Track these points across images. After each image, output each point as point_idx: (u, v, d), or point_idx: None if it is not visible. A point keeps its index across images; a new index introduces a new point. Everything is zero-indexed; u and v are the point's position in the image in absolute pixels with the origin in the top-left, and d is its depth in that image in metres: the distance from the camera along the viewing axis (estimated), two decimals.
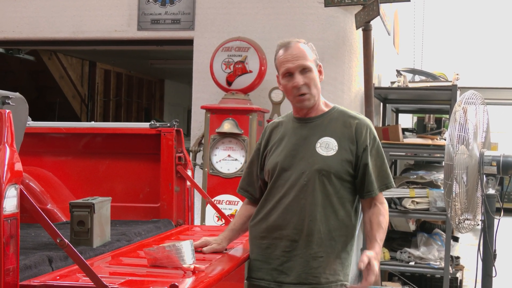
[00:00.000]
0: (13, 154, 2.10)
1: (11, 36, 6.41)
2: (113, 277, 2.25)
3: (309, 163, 2.67)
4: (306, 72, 2.68)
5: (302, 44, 2.73)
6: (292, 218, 2.67)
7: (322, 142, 2.69)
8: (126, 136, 3.88)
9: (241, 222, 2.93)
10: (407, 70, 7.07)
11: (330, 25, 5.62)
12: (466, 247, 8.78)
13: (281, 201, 2.71)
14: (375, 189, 2.70)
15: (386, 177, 2.75)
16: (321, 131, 2.72)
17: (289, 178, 2.69)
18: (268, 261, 2.74)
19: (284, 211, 2.69)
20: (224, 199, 5.07)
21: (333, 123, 2.73)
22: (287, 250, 2.69)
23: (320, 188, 2.65)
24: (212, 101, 5.53)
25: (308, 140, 2.72)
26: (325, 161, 2.66)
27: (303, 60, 2.67)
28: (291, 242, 2.68)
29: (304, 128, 2.75)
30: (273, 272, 2.72)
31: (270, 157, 2.79)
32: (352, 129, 2.71)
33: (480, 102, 4.14)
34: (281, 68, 2.71)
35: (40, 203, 3.62)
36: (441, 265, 5.72)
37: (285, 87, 2.71)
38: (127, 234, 3.11)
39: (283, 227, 2.69)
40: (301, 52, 2.70)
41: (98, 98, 10.51)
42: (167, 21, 5.94)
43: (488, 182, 4.10)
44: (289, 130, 2.79)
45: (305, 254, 2.66)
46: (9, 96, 2.31)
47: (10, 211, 2.04)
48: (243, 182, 2.96)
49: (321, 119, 2.75)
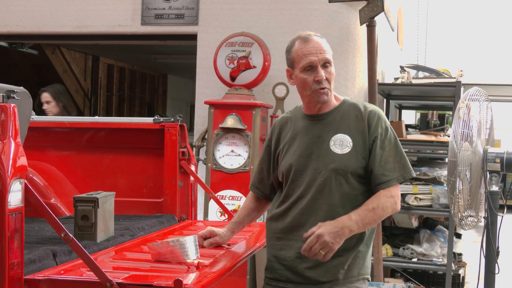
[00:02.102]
0: (18, 149, 2.11)
1: (14, 30, 6.40)
2: (117, 271, 2.26)
3: (324, 162, 2.62)
4: (328, 66, 2.63)
5: (320, 38, 2.68)
6: (309, 219, 2.61)
7: (336, 139, 2.64)
8: (130, 131, 3.89)
9: (245, 214, 2.91)
10: (411, 66, 7.05)
11: (334, 21, 5.61)
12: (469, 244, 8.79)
13: (298, 202, 2.65)
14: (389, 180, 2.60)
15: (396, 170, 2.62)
16: (334, 128, 2.66)
17: (305, 179, 2.64)
18: (282, 262, 2.69)
19: (301, 212, 2.64)
20: (227, 195, 5.07)
21: (345, 119, 2.67)
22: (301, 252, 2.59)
23: (337, 187, 2.60)
24: (216, 96, 5.52)
25: (321, 138, 2.66)
26: (340, 160, 2.60)
27: (325, 54, 2.63)
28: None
29: (316, 126, 2.69)
30: (288, 273, 2.67)
31: (283, 158, 2.73)
32: (365, 121, 2.65)
33: (484, 99, 4.13)
34: (302, 61, 2.62)
35: (43, 198, 3.63)
36: (444, 261, 5.72)
37: (305, 80, 2.63)
38: (130, 229, 3.11)
39: (299, 228, 2.63)
40: (323, 46, 2.65)
41: (101, 92, 10.50)
42: (171, 16, 5.93)
43: (492, 179, 4.09)
44: (300, 128, 2.72)
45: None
46: (14, 90, 2.32)
47: (15, 205, 2.05)
48: (255, 179, 2.92)
49: (332, 115, 2.69)
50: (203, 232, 2.84)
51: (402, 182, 2.65)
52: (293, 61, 2.68)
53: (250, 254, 2.93)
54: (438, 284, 6.03)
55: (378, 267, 5.36)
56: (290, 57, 2.70)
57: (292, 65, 2.70)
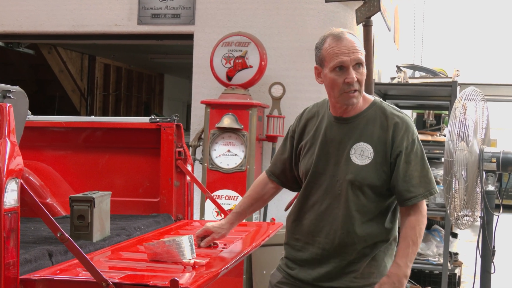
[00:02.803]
0: (13, 148, 2.11)
1: (10, 30, 6.39)
2: (113, 271, 2.25)
3: (342, 170, 2.53)
4: (360, 67, 2.48)
5: (353, 36, 2.53)
6: (325, 227, 2.56)
7: (357, 148, 2.52)
8: (126, 130, 3.88)
9: (248, 205, 2.82)
10: (407, 66, 7.06)
11: (331, 21, 5.61)
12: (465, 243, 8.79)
13: (315, 206, 2.60)
14: (414, 196, 2.50)
15: (427, 184, 2.53)
16: (357, 134, 2.54)
17: (323, 184, 2.57)
18: (299, 263, 2.65)
19: (318, 218, 2.58)
20: (224, 194, 5.07)
21: (370, 126, 2.55)
22: (317, 258, 2.59)
23: (353, 199, 2.51)
24: (212, 96, 5.52)
25: (342, 144, 2.55)
26: (359, 172, 2.50)
27: (358, 54, 2.48)
28: (322, 250, 2.58)
29: (340, 129, 2.57)
30: (302, 274, 2.63)
31: (304, 156, 2.65)
32: (390, 131, 2.52)
33: (480, 99, 4.14)
34: (333, 60, 2.47)
35: (39, 197, 3.62)
36: (440, 261, 5.73)
37: (334, 81, 2.48)
38: (126, 228, 3.11)
39: (316, 233, 2.59)
40: (357, 45, 2.50)
41: (98, 92, 10.50)
42: (167, 15, 5.93)
43: (488, 178, 4.10)
44: (324, 128, 2.61)
45: (338, 263, 2.56)
46: (10, 90, 2.31)
47: (11, 205, 2.05)
48: (276, 168, 2.79)
49: (357, 120, 2.56)
50: (199, 232, 2.82)
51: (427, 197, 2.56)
52: (323, 59, 2.51)
53: (246, 253, 2.92)
54: (434, 283, 6.03)
55: None
56: (320, 54, 2.53)
57: (322, 63, 2.53)
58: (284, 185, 2.82)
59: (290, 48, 5.61)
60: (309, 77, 5.48)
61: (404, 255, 2.49)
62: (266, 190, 2.83)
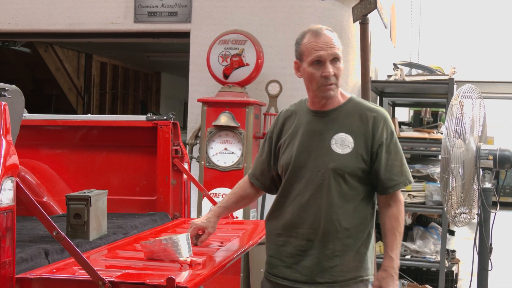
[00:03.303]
0: (9, 147, 2.10)
1: (6, 28, 6.38)
2: (109, 270, 2.25)
3: (324, 161, 2.59)
4: (337, 61, 2.59)
5: (331, 32, 2.63)
6: (308, 217, 2.61)
7: (337, 138, 2.61)
8: (123, 129, 3.87)
9: (234, 201, 2.89)
10: (404, 63, 7.06)
11: (327, 18, 5.61)
12: (462, 241, 8.81)
13: (297, 199, 2.64)
14: (396, 184, 2.62)
15: (406, 173, 2.65)
16: (337, 126, 2.62)
17: (304, 176, 2.62)
18: (282, 258, 2.68)
19: (300, 210, 2.63)
20: (221, 192, 5.06)
21: (349, 118, 2.64)
22: (301, 249, 2.62)
23: (336, 187, 2.58)
24: (209, 94, 5.51)
25: (323, 136, 2.63)
26: (341, 160, 2.58)
27: (335, 49, 2.58)
28: (307, 241, 2.62)
29: (319, 122, 2.66)
30: (286, 270, 2.66)
31: (284, 152, 2.70)
32: (369, 123, 2.61)
33: (477, 96, 4.14)
34: (311, 55, 2.58)
35: (36, 196, 3.61)
36: (437, 258, 5.73)
37: (312, 75, 2.59)
38: (123, 227, 3.11)
39: (299, 225, 2.63)
40: (334, 41, 2.60)
41: (95, 90, 10.48)
42: (163, 13, 5.92)
43: (485, 176, 4.10)
44: (303, 123, 2.69)
45: (320, 254, 2.60)
46: (5, 88, 2.31)
47: (6, 204, 2.04)
48: (256, 170, 2.87)
49: (336, 113, 2.65)
50: (191, 231, 2.78)
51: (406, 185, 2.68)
52: (302, 54, 2.63)
53: (243, 251, 2.92)
54: (431, 281, 6.04)
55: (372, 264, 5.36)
56: (299, 49, 2.64)
57: (301, 58, 2.64)
58: (264, 188, 2.88)
59: (286, 46, 5.60)
60: None
61: (395, 247, 2.62)
62: (248, 191, 2.90)
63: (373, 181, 2.64)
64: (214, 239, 2.93)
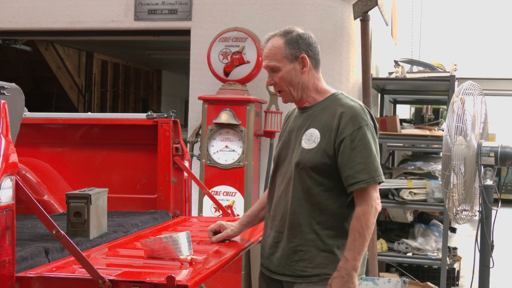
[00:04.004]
0: (8, 145, 2.09)
1: (7, 27, 6.37)
2: (109, 268, 2.24)
3: (293, 155, 2.67)
4: (274, 71, 2.66)
5: (277, 40, 2.67)
6: (280, 210, 2.70)
7: (307, 134, 2.65)
8: (123, 127, 3.87)
9: (258, 209, 2.96)
10: (405, 60, 7.05)
11: (328, 15, 5.60)
12: (464, 238, 8.80)
13: (276, 192, 2.75)
14: (357, 182, 2.53)
15: (372, 171, 2.54)
16: (310, 122, 2.67)
17: (283, 170, 2.73)
18: (265, 249, 2.79)
19: (276, 203, 2.74)
20: (222, 190, 5.06)
21: (323, 113, 2.65)
22: (275, 241, 2.72)
23: (300, 181, 2.62)
24: (210, 91, 5.51)
25: (299, 131, 2.70)
26: (304, 155, 2.62)
27: (270, 61, 2.66)
28: (278, 233, 2.70)
29: (300, 118, 2.74)
30: (266, 260, 2.77)
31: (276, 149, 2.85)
32: (336, 118, 2.59)
33: (478, 93, 4.13)
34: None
35: (36, 194, 3.61)
36: (439, 256, 5.72)
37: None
38: (124, 225, 3.10)
39: (275, 217, 2.73)
40: (273, 51, 2.65)
41: (95, 89, 10.48)
42: (164, 11, 5.91)
43: (486, 173, 4.10)
44: (292, 119, 2.82)
45: (287, 247, 2.66)
46: (4, 87, 2.30)
47: (6, 202, 2.04)
48: None
49: (313, 109, 2.70)
50: (212, 226, 2.88)
51: (371, 184, 2.54)
52: None
53: (244, 249, 2.92)
54: (433, 278, 6.03)
55: (373, 262, 5.36)
56: None
57: None
58: None
59: None
60: None
61: (351, 248, 2.52)
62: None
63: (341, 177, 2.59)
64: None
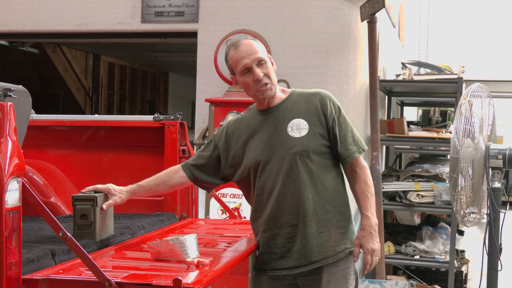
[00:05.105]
0: (15, 147, 2.09)
1: (14, 29, 6.39)
2: (116, 271, 2.24)
3: (286, 148, 2.75)
4: (263, 64, 2.76)
5: (252, 39, 2.85)
6: (287, 205, 2.75)
7: (292, 125, 2.77)
8: (130, 129, 3.87)
9: (155, 183, 2.93)
10: (412, 62, 7.03)
11: (335, 17, 5.59)
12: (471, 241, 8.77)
13: (272, 192, 2.77)
14: (352, 153, 2.80)
15: (358, 141, 2.84)
16: (288, 115, 2.80)
17: (272, 169, 2.76)
18: (274, 251, 2.81)
19: (278, 200, 2.76)
20: (228, 192, 5.05)
21: (296, 105, 2.82)
22: (289, 236, 2.76)
23: (304, 168, 2.73)
24: (216, 94, 5.51)
25: (278, 128, 2.79)
26: (301, 142, 2.74)
27: (257, 54, 2.75)
28: (292, 227, 2.76)
29: (271, 118, 2.82)
30: (281, 261, 2.79)
31: (246, 156, 2.83)
32: (317, 104, 2.80)
33: (486, 95, 4.11)
34: (238, 66, 2.77)
35: (43, 196, 3.61)
36: (446, 258, 5.70)
37: (246, 83, 2.78)
38: (130, 227, 3.09)
39: (280, 215, 2.76)
40: (254, 46, 2.78)
41: (102, 91, 10.50)
42: (171, 13, 5.91)
43: (494, 175, 4.08)
44: (257, 124, 2.85)
45: (307, 235, 2.74)
46: (11, 89, 2.30)
47: (12, 204, 2.03)
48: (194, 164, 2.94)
49: (284, 105, 2.83)
50: (100, 187, 2.78)
51: (361, 153, 2.85)
52: (232, 68, 2.83)
53: (251, 252, 2.91)
54: (440, 281, 6.01)
55: (381, 264, 5.34)
56: (229, 65, 2.84)
57: (233, 72, 2.84)
58: (193, 179, 2.95)
59: (294, 45, 5.59)
60: (313, 74, 5.50)
61: (369, 207, 2.80)
62: (175, 176, 2.95)
63: (335, 154, 2.82)
64: (222, 239, 2.91)
